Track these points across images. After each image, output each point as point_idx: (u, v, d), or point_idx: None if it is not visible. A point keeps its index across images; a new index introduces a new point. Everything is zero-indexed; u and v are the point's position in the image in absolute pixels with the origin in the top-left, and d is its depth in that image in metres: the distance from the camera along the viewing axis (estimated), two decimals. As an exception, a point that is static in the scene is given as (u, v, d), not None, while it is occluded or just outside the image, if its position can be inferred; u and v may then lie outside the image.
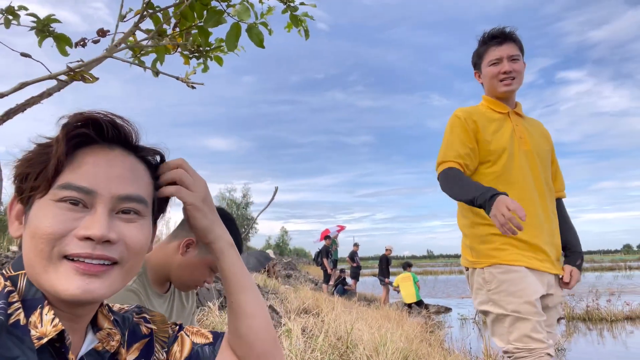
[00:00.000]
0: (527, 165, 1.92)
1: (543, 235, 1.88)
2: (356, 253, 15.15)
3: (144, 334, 0.79)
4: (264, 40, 1.68)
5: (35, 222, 0.62)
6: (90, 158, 0.65)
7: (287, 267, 18.48)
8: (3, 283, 0.63)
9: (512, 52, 1.96)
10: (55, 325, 0.62)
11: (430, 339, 5.82)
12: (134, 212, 0.67)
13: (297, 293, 6.79)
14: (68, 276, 0.61)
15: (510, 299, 1.77)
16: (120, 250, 0.65)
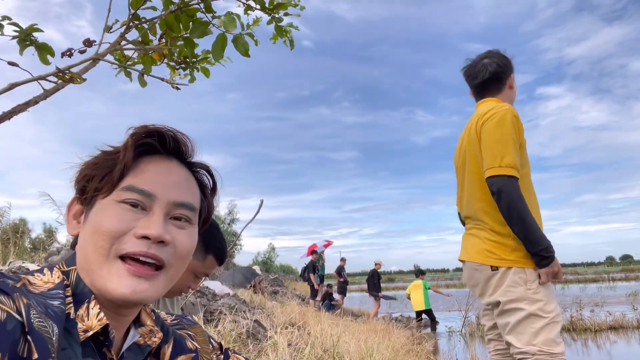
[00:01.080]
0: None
1: None
2: (343, 268, 15.10)
3: (190, 349, 0.82)
4: (249, 49, 1.73)
5: (97, 220, 0.67)
6: (152, 166, 0.71)
7: (274, 284, 18.33)
8: (62, 276, 0.66)
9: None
10: (101, 320, 0.64)
11: (417, 350, 5.82)
12: (185, 219, 0.72)
13: (284, 308, 6.74)
14: (120, 276, 0.65)
15: (551, 301, 1.83)
16: (169, 253, 0.69)
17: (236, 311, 4.98)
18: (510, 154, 1.83)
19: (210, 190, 0.81)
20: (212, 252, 1.44)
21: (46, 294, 0.60)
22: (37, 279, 0.64)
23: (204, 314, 4.22)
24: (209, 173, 0.80)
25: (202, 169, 0.79)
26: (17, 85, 1.26)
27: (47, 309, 0.58)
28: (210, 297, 6.16)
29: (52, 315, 0.57)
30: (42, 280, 0.64)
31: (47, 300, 0.59)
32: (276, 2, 1.67)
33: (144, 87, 1.95)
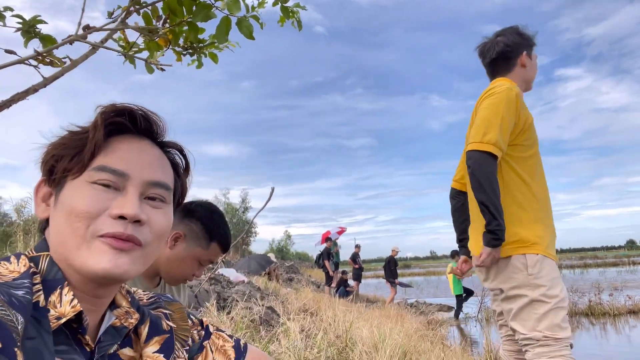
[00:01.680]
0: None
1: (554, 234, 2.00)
2: (358, 255, 15.15)
3: (165, 330, 0.80)
4: (253, 32, 1.69)
5: (70, 202, 0.65)
6: (123, 145, 0.70)
7: (289, 271, 18.46)
8: (28, 264, 0.64)
9: None
10: (74, 306, 0.63)
11: (430, 335, 5.81)
12: (159, 199, 0.71)
13: (298, 294, 6.79)
14: (100, 252, 0.64)
15: (551, 285, 1.79)
16: (145, 233, 0.68)
17: (250, 298, 5.02)
18: (493, 131, 1.81)
19: (183, 169, 0.80)
20: (216, 239, 1.43)
21: (10, 284, 0.59)
22: (3, 268, 0.63)
23: (217, 301, 4.26)
24: (182, 152, 0.79)
25: (174, 149, 0.78)
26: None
27: (11, 298, 0.57)
28: (225, 284, 6.22)
29: (16, 304, 0.56)
30: (8, 270, 0.62)
31: (11, 290, 0.58)
32: (280, -18, 1.62)
33: (151, 73, 1.94)
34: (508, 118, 1.84)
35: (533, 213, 1.86)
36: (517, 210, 1.86)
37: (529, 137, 1.92)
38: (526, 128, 1.91)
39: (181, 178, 0.80)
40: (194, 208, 1.45)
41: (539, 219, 1.86)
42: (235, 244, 25.26)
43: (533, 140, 1.95)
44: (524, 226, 1.84)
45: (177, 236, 1.39)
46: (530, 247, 1.81)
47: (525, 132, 1.91)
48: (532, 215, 1.86)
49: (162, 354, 0.77)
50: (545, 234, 1.85)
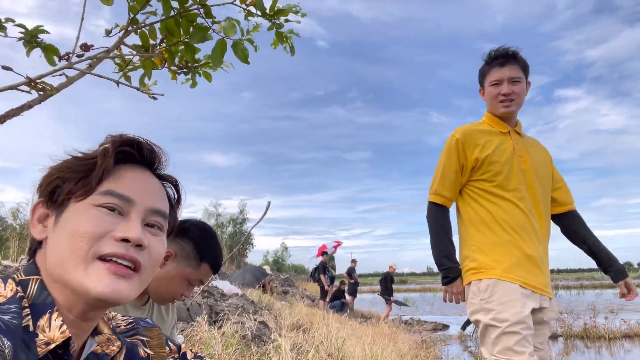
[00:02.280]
0: (525, 183, 1.97)
1: (539, 252, 1.92)
2: (354, 269, 15.08)
3: (142, 357, 0.81)
4: (249, 56, 1.72)
5: (74, 223, 0.67)
6: (129, 173, 0.73)
7: (285, 284, 18.36)
8: (15, 288, 0.65)
9: (513, 75, 2.00)
10: (63, 332, 0.64)
11: (422, 355, 5.76)
12: (157, 226, 0.75)
13: (292, 309, 6.74)
14: (99, 275, 0.66)
15: (501, 309, 1.78)
16: (145, 258, 0.71)
17: (242, 312, 4.99)
18: (436, 183, 2.05)
19: (175, 202, 0.83)
20: (207, 260, 1.43)
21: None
22: None
23: (209, 315, 4.23)
24: (175, 186, 0.83)
25: (169, 182, 0.82)
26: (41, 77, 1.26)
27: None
28: (218, 297, 6.19)
29: (2, 328, 0.57)
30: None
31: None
32: (277, 8, 1.65)
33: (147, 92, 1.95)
34: (448, 166, 2.01)
35: (493, 238, 1.89)
36: (476, 238, 1.94)
37: (485, 171, 1.97)
38: (479, 165, 1.98)
39: (174, 209, 0.83)
40: (188, 227, 1.45)
41: (500, 244, 1.88)
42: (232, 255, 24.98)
43: (495, 172, 1.96)
44: (481, 252, 1.90)
45: (167, 255, 1.38)
46: (484, 272, 1.86)
47: (480, 169, 1.98)
48: (492, 240, 1.89)
49: None
50: (504, 258, 1.85)
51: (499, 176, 1.95)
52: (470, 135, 2.02)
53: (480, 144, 1.99)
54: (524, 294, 1.81)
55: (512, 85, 2.00)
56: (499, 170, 1.95)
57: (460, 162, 2.00)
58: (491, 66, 2.04)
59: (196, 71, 2.01)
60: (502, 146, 2.00)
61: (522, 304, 1.79)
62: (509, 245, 1.88)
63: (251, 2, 1.66)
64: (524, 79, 2.04)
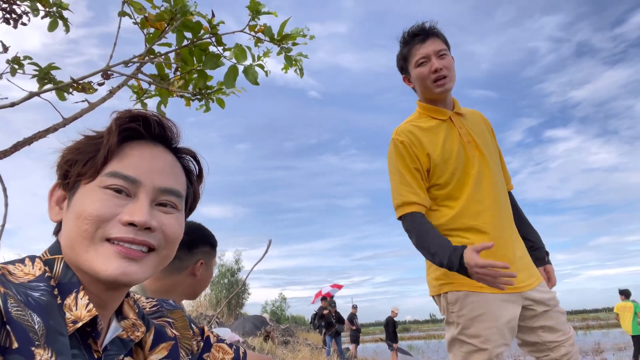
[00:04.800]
0: (481, 172, 1.77)
1: (510, 245, 1.75)
2: (355, 315, 14.74)
3: (170, 336, 0.81)
4: (258, 78, 1.81)
5: (81, 205, 0.66)
6: (136, 151, 0.70)
7: (285, 334, 17.81)
8: (43, 268, 0.65)
9: (439, 47, 1.78)
10: (90, 310, 0.63)
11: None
12: (171, 205, 0.71)
13: (295, 354, 6.56)
14: (108, 257, 0.64)
15: (470, 324, 1.64)
16: (158, 238, 0.69)
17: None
18: (396, 196, 1.76)
19: (196, 176, 0.80)
20: (213, 243, 1.57)
21: (26, 285, 0.59)
22: (18, 269, 0.63)
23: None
24: (195, 159, 0.79)
25: (188, 155, 0.78)
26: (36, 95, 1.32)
27: (28, 298, 0.57)
28: (220, 343, 6.01)
29: (32, 304, 0.57)
30: (23, 272, 0.63)
31: (28, 291, 0.58)
32: (284, 33, 1.76)
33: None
34: (402, 169, 1.76)
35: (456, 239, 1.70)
36: None
37: (440, 174, 1.75)
38: (432, 168, 1.75)
39: (194, 185, 0.80)
40: (192, 236, 1.53)
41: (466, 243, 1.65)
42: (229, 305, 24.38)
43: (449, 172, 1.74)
44: None
45: (201, 264, 1.51)
46: (452, 284, 1.69)
47: (434, 171, 1.75)
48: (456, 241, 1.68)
49: (170, 359, 0.78)
50: None
51: (454, 178, 1.75)
52: (413, 134, 1.78)
53: (425, 142, 1.77)
54: (499, 300, 1.64)
55: (441, 60, 1.76)
56: (452, 171, 1.75)
57: (414, 164, 1.75)
58: (412, 45, 1.81)
59: (209, 97, 2.09)
60: (449, 138, 1.78)
61: (494, 317, 1.62)
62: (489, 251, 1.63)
63: (259, 29, 1.77)
64: (449, 52, 1.83)
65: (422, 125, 1.82)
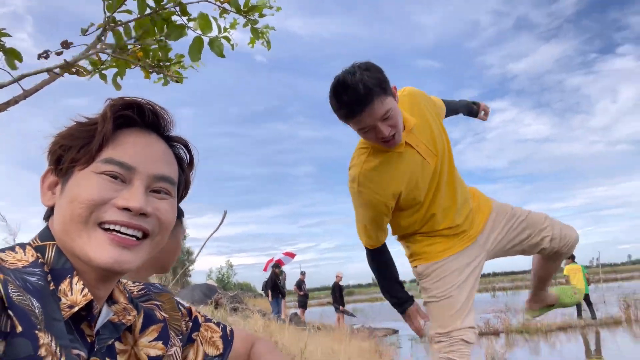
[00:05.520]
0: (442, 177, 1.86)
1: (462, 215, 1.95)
2: (303, 282, 15.06)
3: (159, 319, 0.82)
4: (223, 50, 1.77)
5: (75, 190, 0.66)
6: (130, 138, 0.70)
7: (233, 301, 17.91)
8: (35, 254, 0.65)
9: (381, 112, 1.55)
10: (85, 295, 0.64)
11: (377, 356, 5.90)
12: (164, 191, 0.72)
13: (247, 321, 6.67)
14: (101, 244, 0.65)
15: (435, 286, 1.89)
16: (153, 223, 0.70)
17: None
18: (360, 232, 1.91)
19: (187, 164, 0.81)
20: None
21: (22, 271, 0.60)
22: (9, 257, 0.62)
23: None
24: (187, 147, 0.80)
25: (180, 143, 0.79)
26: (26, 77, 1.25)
27: (26, 283, 0.58)
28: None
29: (30, 289, 0.57)
30: (15, 258, 0.62)
31: (24, 276, 0.59)
32: (251, 4, 1.72)
33: (119, 90, 1.95)
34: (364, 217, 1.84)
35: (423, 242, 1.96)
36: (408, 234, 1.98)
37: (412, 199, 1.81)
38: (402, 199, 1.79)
39: (185, 172, 0.81)
40: None
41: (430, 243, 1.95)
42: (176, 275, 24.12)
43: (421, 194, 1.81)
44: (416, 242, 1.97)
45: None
46: (420, 260, 1.94)
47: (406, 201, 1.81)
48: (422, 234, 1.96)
49: (160, 342, 0.79)
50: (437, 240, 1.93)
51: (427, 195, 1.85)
52: (373, 181, 1.73)
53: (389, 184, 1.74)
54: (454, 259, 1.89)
55: (386, 122, 1.58)
56: (423, 192, 1.82)
57: (378, 211, 1.79)
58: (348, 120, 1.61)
59: (168, 69, 2.02)
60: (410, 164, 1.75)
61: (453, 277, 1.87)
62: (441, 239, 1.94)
63: (225, 0, 1.72)
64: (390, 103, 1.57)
65: (380, 165, 1.72)
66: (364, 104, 1.52)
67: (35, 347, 0.53)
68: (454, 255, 1.92)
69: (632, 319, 11.23)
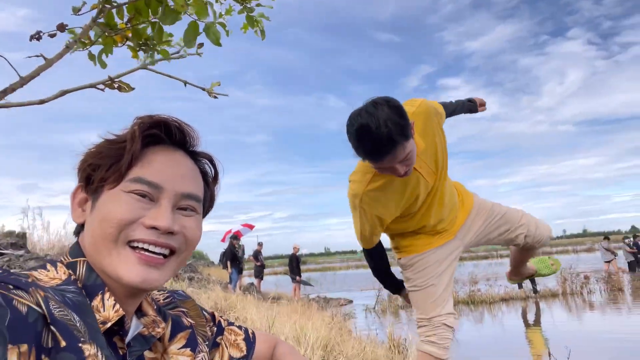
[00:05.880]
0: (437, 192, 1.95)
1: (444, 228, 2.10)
2: (260, 252, 15.18)
3: (186, 325, 0.84)
4: (220, 38, 1.74)
5: (106, 209, 0.67)
6: (158, 157, 0.72)
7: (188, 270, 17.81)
8: (67, 272, 0.66)
9: (401, 157, 1.60)
10: (117, 311, 0.66)
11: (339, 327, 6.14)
12: (190, 209, 0.74)
13: (208, 294, 6.69)
14: (130, 263, 0.67)
15: (417, 276, 2.03)
16: (180, 240, 0.72)
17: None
18: (357, 235, 1.99)
19: (212, 179, 0.83)
20: None
21: (57, 289, 0.61)
22: (43, 275, 0.64)
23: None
24: (212, 162, 0.82)
25: (205, 159, 0.81)
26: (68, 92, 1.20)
27: (65, 298, 0.60)
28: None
29: (69, 304, 0.59)
30: (48, 277, 0.64)
31: (62, 292, 0.61)
32: (249, -8, 1.69)
33: (104, 68, 1.88)
34: (362, 227, 1.91)
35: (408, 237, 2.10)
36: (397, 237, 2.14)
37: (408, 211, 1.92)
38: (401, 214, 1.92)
39: (210, 187, 0.82)
40: None
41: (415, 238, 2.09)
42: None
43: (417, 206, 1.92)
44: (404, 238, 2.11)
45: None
46: (402, 253, 2.10)
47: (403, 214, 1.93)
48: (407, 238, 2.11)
49: (189, 348, 0.82)
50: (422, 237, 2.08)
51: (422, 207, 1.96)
52: (376, 201, 1.81)
53: (390, 203, 1.84)
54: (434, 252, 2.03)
55: (403, 163, 1.62)
56: (418, 205, 1.93)
57: (374, 223, 1.89)
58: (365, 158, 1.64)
59: (155, 49, 1.96)
60: (410, 184, 1.82)
61: (433, 269, 2.01)
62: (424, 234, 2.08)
63: (223, -14, 1.68)
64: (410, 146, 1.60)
65: (384, 185, 1.78)
66: (387, 153, 1.56)
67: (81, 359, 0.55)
68: (435, 248, 2.05)
69: (568, 292, 12.18)
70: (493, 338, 7.80)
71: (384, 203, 1.82)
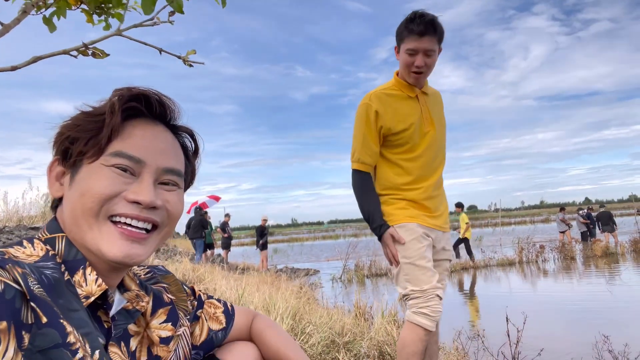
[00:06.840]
0: (428, 145, 2.16)
1: (435, 201, 2.21)
2: (227, 224, 15.12)
3: (167, 302, 0.84)
4: (182, 5, 1.67)
5: (86, 183, 0.66)
6: (138, 130, 0.70)
7: (153, 242, 17.58)
8: (45, 247, 0.65)
9: (429, 47, 2.02)
10: (100, 285, 0.65)
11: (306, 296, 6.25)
12: (172, 183, 0.73)
13: (176, 266, 6.66)
14: (113, 238, 0.66)
15: (406, 247, 2.05)
16: (162, 215, 0.71)
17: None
18: (357, 151, 2.14)
19: (192, 153, 0.82)
20: None
21: (34, 266, 0.60)
22: (19, 252, 0.63)
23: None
24: (192, 137, 0.81)
25: (186, 133, 0.80)
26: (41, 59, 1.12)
27: (41, 276, 0.58)
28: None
29: (45, 283, 0.58)
30: (25, 254, 0.63)
31: (40, 269, 0.60)
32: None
33: (53, 31, 1.78)
34: (368, 134, 2.10)
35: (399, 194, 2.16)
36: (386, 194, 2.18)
37: (395, 140, 2.12)
38: (390, 134, 2.11)
39: (191, 162, 0.81)
40: None
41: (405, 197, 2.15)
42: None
43: (403, 140, 2.12)
44: (389, 205, 2.16)
45: None
46: (390, 220, 2.12)
47: (390, 137, 2.11)
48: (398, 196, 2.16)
49: (170, 323, 0.83)
50: (407, 206, 2.14)
51: (406, 146, 2.14)
52: (384, 103, 2.10)
53: (391, 112, 2.10)
54: (421, 231, 2.09)
55: (426, 58, 2.04)
56: (406, 140, 2.12)
57: (377, 128, 2.10)
58: (410, 33, 2.04)
59: (109, 12, 1.88)
60: (412, 112, 2.12)
61: (419, 241, 2.06)
62: (418, 196, 2.15)
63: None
64: (437, 50, 2.08)
65: (392, 94, 2.15)
66: (431, 31, 2.01)
67: (64, 335, 0.55)
68: (416, 223, 2.10)
69: (524, 261, 12.77)
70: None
71: (387, 105, 2.11)
